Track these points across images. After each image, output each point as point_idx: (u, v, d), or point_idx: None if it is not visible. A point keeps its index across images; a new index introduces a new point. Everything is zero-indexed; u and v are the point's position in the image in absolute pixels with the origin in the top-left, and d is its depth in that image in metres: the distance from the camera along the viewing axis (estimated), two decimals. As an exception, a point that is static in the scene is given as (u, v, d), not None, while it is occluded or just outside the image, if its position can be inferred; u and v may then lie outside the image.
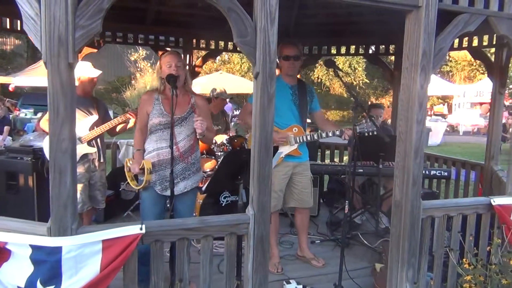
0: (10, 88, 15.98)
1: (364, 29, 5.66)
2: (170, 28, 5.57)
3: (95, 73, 4.09)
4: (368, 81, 25.52)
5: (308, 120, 4.05)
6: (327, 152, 6.48)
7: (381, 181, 4.92)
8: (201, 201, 4.33)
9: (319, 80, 25.27)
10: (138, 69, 17.21)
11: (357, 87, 25.45)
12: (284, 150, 3.75)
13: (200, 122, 2.90)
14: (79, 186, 4.07)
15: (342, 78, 3.64)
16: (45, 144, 4.06)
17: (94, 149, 4.12)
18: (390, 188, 5.15)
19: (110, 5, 2.04)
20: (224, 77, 17.88)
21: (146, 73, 16.98)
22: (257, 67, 2.32)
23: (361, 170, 4.77)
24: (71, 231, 2.07)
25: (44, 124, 4.11)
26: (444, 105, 26.44)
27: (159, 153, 3.01)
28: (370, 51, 6.20)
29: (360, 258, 4.22)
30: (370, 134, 3.63)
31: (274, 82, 2.36)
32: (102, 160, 4.20)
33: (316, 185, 5.44)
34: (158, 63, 3.10)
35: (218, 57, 25.18)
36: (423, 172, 4.83)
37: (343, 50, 6.16)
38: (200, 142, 3.22)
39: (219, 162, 2.89)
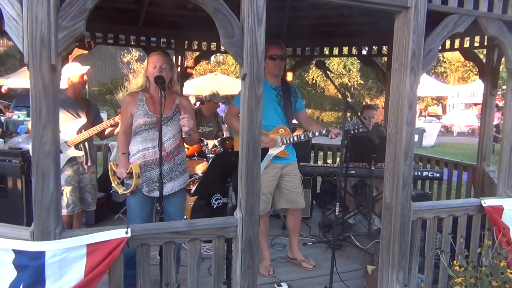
0: (3, 90, 15.87)
1: (356, 30, 5.67)
2: (162, 29, 5.54)
3: (84, 69, 4.05)
4: (362, 82, 25.56)
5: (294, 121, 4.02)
6: (320, 153, 6.45)
7: (374, 183, 4.91)
8: (192, 203, 4.30)
9: (314, 81, 25.28)
10: (132, 71, 17.17)
11: (352, 88, 25.48)
12: (271, 152, 3.72)
13: (187, 119, 2.87)
14: (69, 188, 4.04)
15: (333, 80, 3.61)
16: (30, 146, 4.01)
17: (82, 153, 4.08)
18: (382, 189, 5.13)
19: (94, 6, 2.01)
20: (218, 78, 17.85)
21: (139, 75, 16.96)
22: (245, 68, 2.29)
23: (353, 172, 4.76)
24: (54, 235, 2.03)
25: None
26: (438, 106, 26.53)
27: (144, 154, 2.98)
28: (364, 52, 6.19)
29: (352, 260, 4.20)
30: (357, 131, 3.61)
31: (262, 84, 2.34)
32: (90, 164, 4.16)
33: (308, 187, 5.43)
34: (146, 61, 3.07)
35: (213, 59, 25.18)
36: (415, 173, 4.84)
37: (336, 51, 6.14)
38: (188, 143, 3.19)
39: (207, 165, 2.85)
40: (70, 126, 4.03)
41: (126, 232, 2.15)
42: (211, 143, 4.97)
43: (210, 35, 5.71)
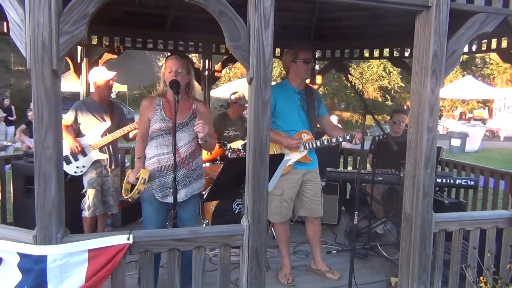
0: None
1: (388, 31, 5.46)
2: (189, 33, 5.56)
3: (110, 74, 4.11)
4: (403, 85, 24.88)
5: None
6: (350, 158, 6.28)
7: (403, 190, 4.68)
8: (213, 207, 4.27)
9: (353, 84, 24.80)
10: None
11: (392, 91, 24.86)
12: (293, 157, 3.63)
13: (201, 125, 2.83)
14: (91, 191, 4.10)
15: (354, 83, 3.49)
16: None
17: (106, 156, 4.14)
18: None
19: (96, 10, 1.99)
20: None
21: None
22: (251, 72, 2.22)
23: (381, 178, 4.58)
24: (56, 240, 2.04)
25: None
26: (484, 109, 25.43)
27: (159, 159, 2.96)
28: (396, 54, 5.97)
29: (377, 271, 4.02)
30: (381, 137, 3.48)
31: (269, 88, 2.26)
32: (113, 167, 4.21)
33: (335, 193, 5.29)
34: (163, 65, 3.05)
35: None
36: (448, 181, 4.60)
37: (366, 53, 5.96)
38: (216, 148, 3.12)
39: (220, 170, 2.80)
40: (95, 130, 4.10)
41: (128, 238, 2.13)
42: (237, 144, 4.90)
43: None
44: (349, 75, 3.27)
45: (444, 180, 4.55)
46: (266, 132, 2.28)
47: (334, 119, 12.85)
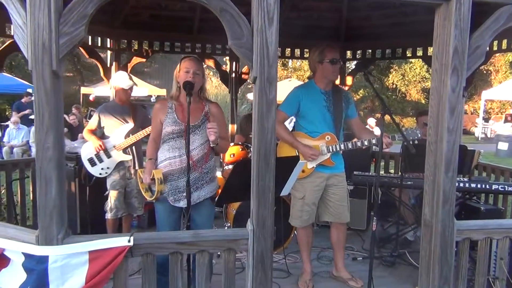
0: (91, 98, 17.07)
1: (418, 29, 5.23)
2: (216, 35, 5.54)
3: (128, 84, 4.14)
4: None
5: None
6: (382, 162, 6.06)
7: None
8: (235, 210, 4.21)
9: (394, 86, 24.20)
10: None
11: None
12: (316, 160, 3.51)
13: (212, 129, 2.79)
14: (114, 193, 4.15)
15: (374, 85, 3.33)
16: (82, 151, 4.20)
17: (130, 157, 4.18)
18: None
19: (95, 11, 1.98)
20: (293, 84, 17.71)
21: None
22: (254, 71, 2.15)
23: (411, 183, 4.37)
24: (57, 241, 2.04)
25: (85, 133, 4.26)
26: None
27: (171, 162, 2.93)
28: (430, 53, 5.70)
29: (404, 279, 3.83)
30: (415, 141, 3.32)
31: (274, 87, 2.18)
32: (137, 168, 4.24)
33: (364, 197, 5.12)
34: (177, 67, 3.03)
35: (290, 64, 25.12)
36: (484, 186, 4.32)
37: (399, 52, 5.73)
38: (238, 151, 3.07)
39: (230, 173, 2.74)
40: (118, 131, 4.15)
41: (129, 241, 2.11)
42: None
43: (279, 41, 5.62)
44: (369, 75, 3.11)
45: (479, 186, 4.28)
46: (271, 134, 2.21)
47: (372, 121, 12.53)
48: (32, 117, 11.99)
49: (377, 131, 9.24)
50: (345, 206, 3.67)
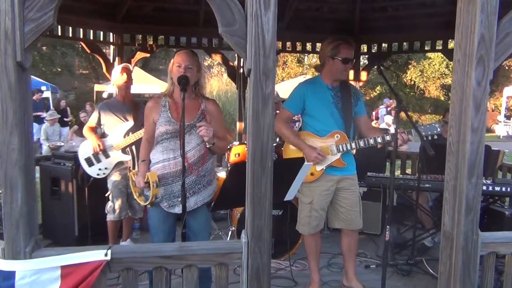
0: (104, 95, 17.03)
1: (439, 21, 4.90)
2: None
3: (122, 78, 3.94)
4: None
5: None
6: (398, 161, 5.73)
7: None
8: (239, 214, 3.96)
9: (412, 82, 23.61)
10: (213, 75, 17.38)
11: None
12: (324, 161, 3.23)
13: (204, 128, 2.54)
14: (117, 194, 3.96)
15: (387, 77, 3.04)
16: (79, 150, 3.99)
17: (129, 157, 3.96)
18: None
19: (65, -6, 1.74)
20: (307, 81, 17.30)
21: (213, 78, 17.02)
22: (248, 62, 1.89)
23: (429, 185, 4.05)
24: (24, 255, 1.81)
25: (85, 131, 4.05)
26: None
27: (165, 165, 2.69)
28: (451, 46, 5.35)
29: (421, 290, 3.54)
30: (432, 137, 3.04)
31: (271, 81, 1.91)
32: (136, 169, 4.02)
33: (378, 200, 4.82)
34: (171, 62, 2.78)
35: (306, 60, 24.69)
36: (510, 189, 3.98)
37: (417, 46, 5.39)
38: (243, 150, 2.81)
39: (226, 176, 2.49)
40: (117, 130, 3.94)
41: (106, 255, 1.87)
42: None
43: (283, 34, 5.34)
44: (382, 67, 2.81)
45: (504, 189, 3.94)
46: (268, 133, 1.94)
47: (389, 118, 12.17)
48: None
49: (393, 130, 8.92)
50: (357, 211, 3.39)
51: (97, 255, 1.87)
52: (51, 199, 4.37)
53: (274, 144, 4.57)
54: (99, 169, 3.94)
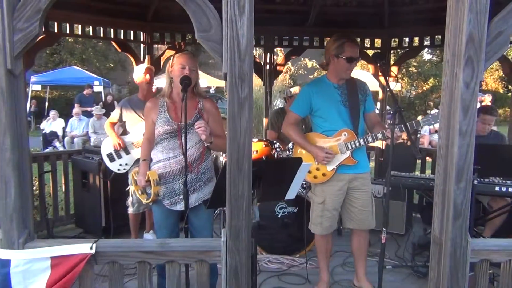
0: (153, 89, 17.58)
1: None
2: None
3: (138, 77, 4.10)
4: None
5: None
6: (429, 159, 5.54)
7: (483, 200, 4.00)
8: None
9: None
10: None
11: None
12: (335, 160, 3.21)
13: (201, 127, 2.61)
14: (134, 188, 4.12)
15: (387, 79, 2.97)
16: (102, 146, 4.20)
17: (148, 154, 4.12)
18: (496, 207, 4.16)
19: (49, 5, 1.86)
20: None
21: None
22: (224, 66, 1.93)
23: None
24: (18, 245, 1.98)
25: (106, 126, 4.26)
26: None
27: (165, 164, 2.80)
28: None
29: (436, 294, 3.43)
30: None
31: (247, 84, 1.95)
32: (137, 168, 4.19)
33: (403, 199, 4.70)
34: (169, 62, 2.87)
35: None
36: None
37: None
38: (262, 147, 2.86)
39: (219, 174, 2.55)
40: (137, 128, 4.10)
41: (91, 248, 1.99)
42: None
43: (303, 30, 5.33)
44: (382, 64, 2.76)
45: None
46: (245, 136, 1.98)
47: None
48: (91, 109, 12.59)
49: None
50: (369, 211, 3.34)
51: (83, 248, 2.01)
52: (82, 191, 4.64)
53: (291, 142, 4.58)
54: (120, 165, 4.12)
